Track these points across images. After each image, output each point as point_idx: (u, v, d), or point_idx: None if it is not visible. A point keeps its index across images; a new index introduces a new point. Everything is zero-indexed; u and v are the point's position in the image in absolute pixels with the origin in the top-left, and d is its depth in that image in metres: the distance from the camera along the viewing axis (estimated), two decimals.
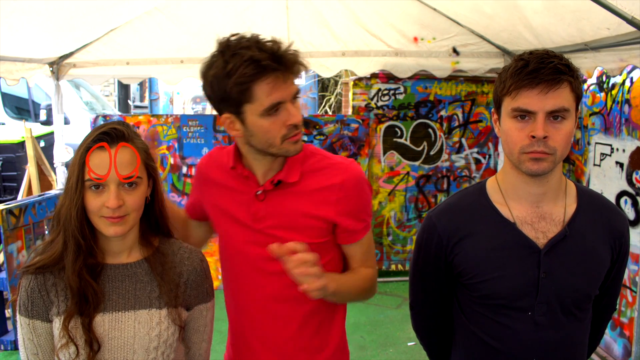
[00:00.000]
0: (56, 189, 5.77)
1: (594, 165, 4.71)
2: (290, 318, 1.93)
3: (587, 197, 1.85)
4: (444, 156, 6.30)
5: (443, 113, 6.26)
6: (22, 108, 10.09)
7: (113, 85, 17.02)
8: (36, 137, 6.41)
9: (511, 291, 1.75)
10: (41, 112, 9.61)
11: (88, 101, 11.74)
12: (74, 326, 1.64)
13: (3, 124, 9.48)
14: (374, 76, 6.08)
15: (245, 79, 1.67)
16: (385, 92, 6.19)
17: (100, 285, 1.70)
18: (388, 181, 6.32)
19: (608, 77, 4.45)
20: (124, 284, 1.74)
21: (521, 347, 1.77)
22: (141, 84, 19.50)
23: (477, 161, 6.35)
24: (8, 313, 5.06)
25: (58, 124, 5.72)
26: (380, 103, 6.19)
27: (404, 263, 6.38)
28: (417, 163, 6.31)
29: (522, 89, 1.64)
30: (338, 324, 2.02)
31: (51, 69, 5.48)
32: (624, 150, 4.28)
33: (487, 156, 6.35)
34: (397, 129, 6.25)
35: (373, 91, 6.17)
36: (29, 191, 6.09)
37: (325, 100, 13.17)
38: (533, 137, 1.63)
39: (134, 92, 19.58)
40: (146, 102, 19.65)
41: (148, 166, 1.74)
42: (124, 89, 18.31)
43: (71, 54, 5.43)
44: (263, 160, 1.86)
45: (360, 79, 6.10)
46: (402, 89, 6.19)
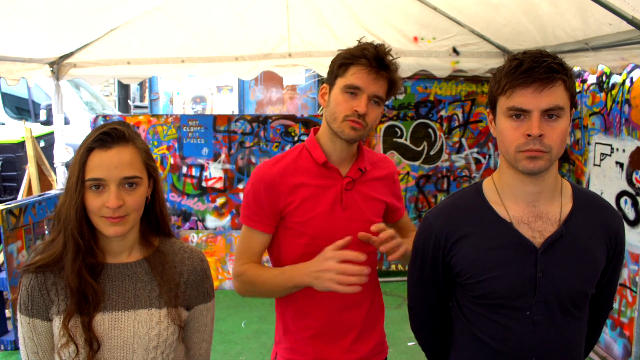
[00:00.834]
0: (56, 189, 5.78)
1: (594, 165, 4.70)
2: (363, 299, 2.34)
3: (583, 197, 1.86)
4: (444, 156, 6.30)
5: (443, 113, 6.27)
6: (22, 108, 10.08)
7: (113, 85, 17.00)
8: (36, 137, 6.41)
9: (509, 291, 1.76)
10: (41, 112, 9.60)
11: (88, 101, 11.73)
12: (74, 325, 1.64)
13: (3, 124, 9.48)
14: None
15: (347, 59, 2.05)
16: None
17: (100, 284, 1.70)
18: None
19: (608, 77, 4.45)
20: (124, 284, 1.74)
21: (520, 347, 1.77)
22: (141, 84, 19.48)
23: (477, 161, 6.35)
24: (8, 313, 5.06)
25: (58, 124, 5.72)
26: None
27: (404, 263, 6.36)
28: (417, 163, 6.32)
29: (517, 88, 1.66)
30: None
31: (51, 69, 5.48)
32: (624, 150, 4.28)
33: (487, 156, 6.35)
34: (397, 129, 6.27)
35: None
36: (29, 191, 6.09)
37: None
38: (529, 136, 1.65)
39: (134, 92, 19.56)
40: (146, 102, 19.62)
41: (148, 166, 1.74)
42: (124, 89, 18.29)
43: (71, 54, 5.44)
44: (337, 147, 2.15)
45: None
46: (402, 89, 6.21)
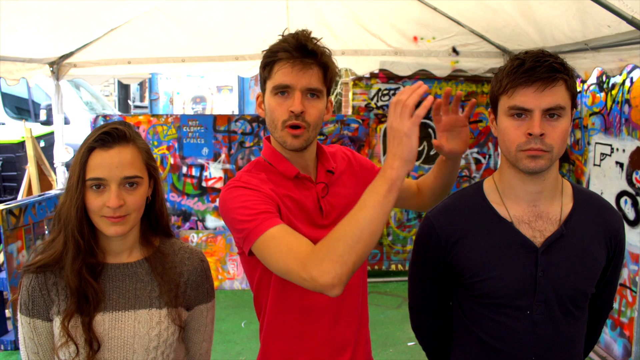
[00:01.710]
0: (56, 189, 5.78)
1: (594, 165, 4.71)
2: (355, 307, 2.01)
3: (583, 196, 1.87)
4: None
5: None
6: (22, 108, 10.09)
7: (113, 85, 17.01)
8: (36, 137, 6.41)
9: (509, 290, 1.76)
10: (41, 112, 9.61)
11: (88, 101, 11.73)
12: (74, 325, 1.64)
13: (3, 124, 9.48)
14: (374, 76, 6.09)
15: (268, 57, 1.84)
16: (385, 92, 6.20)
17: (100, 284, 1.70)
18: None
19: (608, 77, 4.45)
20: (125, 284, 1.74)
21: (520, 346, 1.77)
22: (141, 84, 19.49)
23: (477, 161, 6.35)
24: (8, 313, 5.07)
25: (58, 124, 5.72)
26: (380, 103, 6.20)
27: (404, 263, 6.38)
28: (417, 163, 6.31)
29: (519, 87, 1.67)
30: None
31: (51, 69, 5.49)
32: (624, 150, 4.28)
33: (487, 156, 6.35)
34: None
35: (373, 91, 6.18)
36: (29, 191, 6.10)
37: None
38: (530, 135, 1.65)
39: (134, 92, 19.57)
40: (146, 102, 19.64)
41: (149, 166, 1.74)
42: (124, 89, 18.31)
43: (71, 54, 5.44)
44: (295, 156, 1.92)
45: (360, 79, 6.12)
46: (403, 89, 6.09)
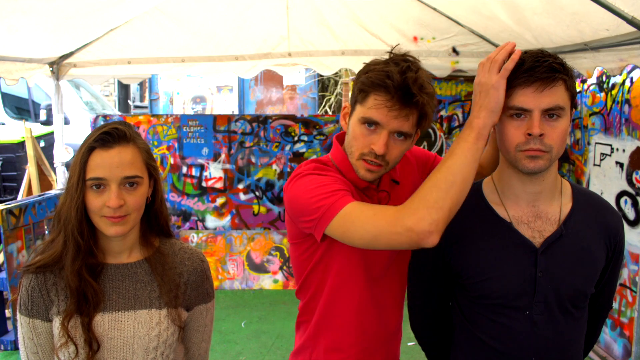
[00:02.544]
0: (56, 189, 5.78)
1: (594, 165, 4.71)
2: (400, 300, 2.08)
3: (582, 196, 1.87)
4: (444, 156, 6.26)
5: (443, 113, 6.25)
6: (22, 108, 10.10)
7: (113, 85, 17.01)
8: (36, 137, 6.42)
9: (509, 291, 1.76)
10: (41, 112, 9.62)
11: (88, 101, 11.74)
12: (74, 325, 1.64)
13: (3, 124, 9.49)
14: None
15: (367, 86, 1.78)
16: None
17: (100, 285, 1.70)
18: None
19: (608, 77, 4.45)
20: (124, 284, 1.74)
21: (520, 347, 1.77)
22: (141, 84, 19.47)
23: None
24: (8, 313, 5.07)
25: (58, 124, 5.73)
26: None
27: None
28: None
29: (518, 88, 1.66)
30: None
31: (51, 69, 5.50)
32: (624, 150, 4.28)
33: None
34: None
35: None
36: (29, 191, 6.10)
37: (325, 100, 13.17)
38: (529, 135, 1.65)
39: (134, 92, 19.55)
40: (146, 102, 19.59)
41: (149, 166, 1.75)
42: (124, 89, 18.30)
43: (71, 54, 5.45)
44: None
45: None
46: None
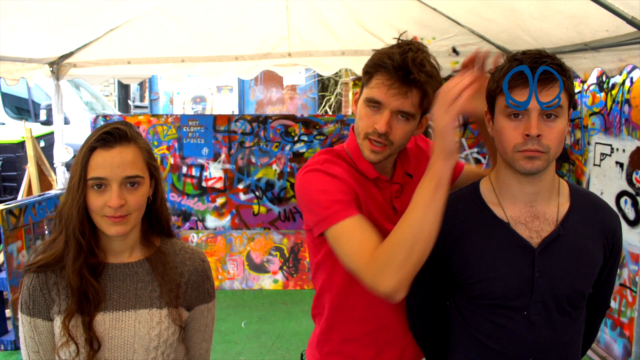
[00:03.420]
0: (56, 189, 5.78)
1: (594, 165, 4.71)
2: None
3: (580, 196, 1.87)
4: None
5: None
6: (22, 108, 10.10)
7: (113, 85, 17.02)
8: (36, 137, 6.42)
9: (506, 291, 1.77)
10: (41, 112, 9.62)
11: (88, 101, 11.75)
12: (75, 325, 1.65)
13: (3, 124, 9.49)
14: None
15: (370, 67, 1.84)
16: None
17: (101, 284, 1.71)
18: None
19: (608, 77, 4.45)
20: (125, 284, 1.75)
21: (517, 347, 1.78)
22: (141, 84, 19.47)
23: (477, 161, 6.35)
24: (8, 313, 5.07)
25: (58, 124, 5.73)
26: None
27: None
28: None
29: (516, 88, 1.66)
30: None
31: (51, 69, 5.49)
32: (624, 150, 4.29)
33: (487, 156, 6.32)
34: None
35: None
36: (29, 191, 6.10)
37: (325, 100, 13.19)
38: (527, 136, 1.65)
39: (134, 92, 19.56)
40: (146, 102, 19.60)
41: (150, 166, 1.75)
42: (124, 89, 18.31)
43: (71, 54, 5.45)
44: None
45: (360, 79, 6.04)
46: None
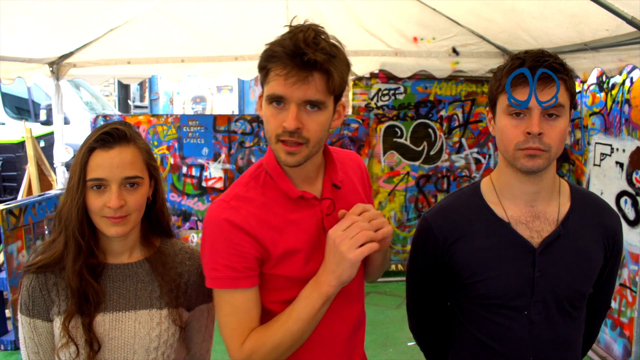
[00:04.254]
0: (56, 189, 5.78)
1: (594, 165, 4.71)
2: (349, 317, 1.82)
3: (581, 196, 1.87)
4: (444, 156, 6.31)
5: (443, 113, 6.27)
6: (22, 108, 10.10)
7: (113, 85, 17.03)
8: (36, 137, 6.41)
9: (507, 290, 1.77)
10: (41, 112, 9.62)
11: (88, 101, 11.75)
12: (74, 326, 1.64)
13: (3, 124, 9.48)
14: (374, 76, 6.09)
15: (264, 60, 1.58)
16: (385, 92, 6.20)
17: (101, 285, 1.71)
18: (388, 181, 6.33)
19: (608, 77, 4.45)
20: (125, 284, 1.74)
21: (518, 347, 1.78)
22: (141, 84, 19.50)
23: (477, 161, 6.35)
24: (8, 313, 5.07)
25: (58, 124, 5.73)
26: (380, 103, 6.20)
27: (404, 263, 6.36)
28: (417, 163, 6.33)
29: (518, 87, 1.66)
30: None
31: (51, 69, 5.50)
32: (624, 150, 4.29)
33: (487, 156, 6.35)
34: (397, 129, 6.26)
35: (373, 91, 6.18)
36: (29, 191, 6.10)
37: None
38: (528, 134, 1.65)
39: (134, 92, 19.58)
40: (146, 102, 19.65)
41: (150, 166, 1.74)
42: (124, 89, 18.32)
43: (71, 54, 5.46)
44: (293, 171, 1.70)
45: (360, 79, 6.12)
46: (402, 89, 6.19)
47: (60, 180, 5.76)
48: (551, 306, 1.76)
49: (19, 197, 6.24)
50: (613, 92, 4.47)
